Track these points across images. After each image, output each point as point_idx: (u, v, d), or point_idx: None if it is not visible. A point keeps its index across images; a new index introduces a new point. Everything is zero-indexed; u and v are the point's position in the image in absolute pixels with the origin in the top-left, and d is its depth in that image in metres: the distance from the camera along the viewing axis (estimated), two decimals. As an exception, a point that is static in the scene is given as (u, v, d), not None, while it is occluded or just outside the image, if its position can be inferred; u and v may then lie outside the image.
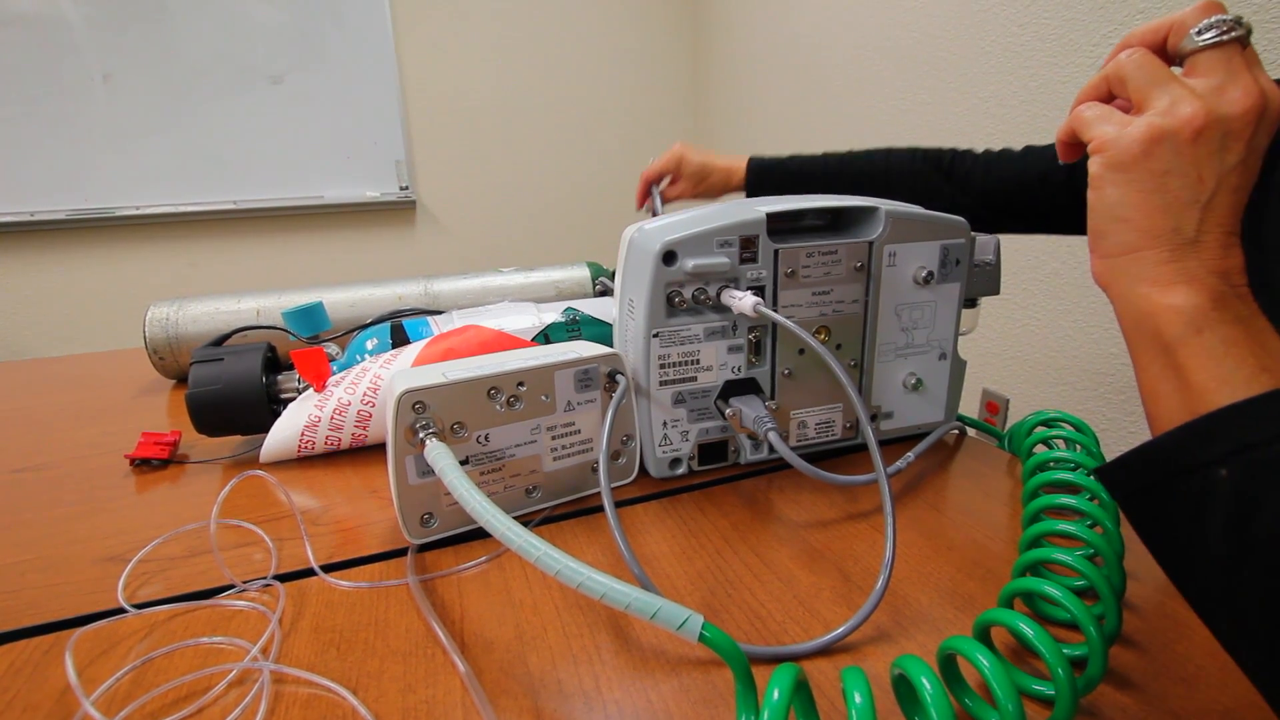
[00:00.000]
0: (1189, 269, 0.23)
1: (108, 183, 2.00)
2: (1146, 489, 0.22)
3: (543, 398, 0.39)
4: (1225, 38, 0.24)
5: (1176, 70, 0.26)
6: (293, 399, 0.51)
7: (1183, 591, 0.23)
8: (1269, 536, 0.19)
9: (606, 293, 0.75)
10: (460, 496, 0.30)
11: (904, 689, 0.24)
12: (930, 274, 0.45)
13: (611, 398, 0.41)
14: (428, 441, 0.34)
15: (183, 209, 2.08)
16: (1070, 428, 0.40)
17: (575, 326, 0.57)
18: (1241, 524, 0.20)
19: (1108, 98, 0.27)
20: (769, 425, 0.39)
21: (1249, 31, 0.24)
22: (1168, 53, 0.26)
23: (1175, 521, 0.22)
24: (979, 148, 0.70)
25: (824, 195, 0.45)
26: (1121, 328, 0.25)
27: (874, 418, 0.48)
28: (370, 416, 0.49)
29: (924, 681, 0.21)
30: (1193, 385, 0.22)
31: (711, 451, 0.45)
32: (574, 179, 2.54)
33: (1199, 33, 0.24)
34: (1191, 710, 0.25)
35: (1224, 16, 0.24)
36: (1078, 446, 0.39)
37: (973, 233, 0.46)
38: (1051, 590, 0.25)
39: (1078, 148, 0.29)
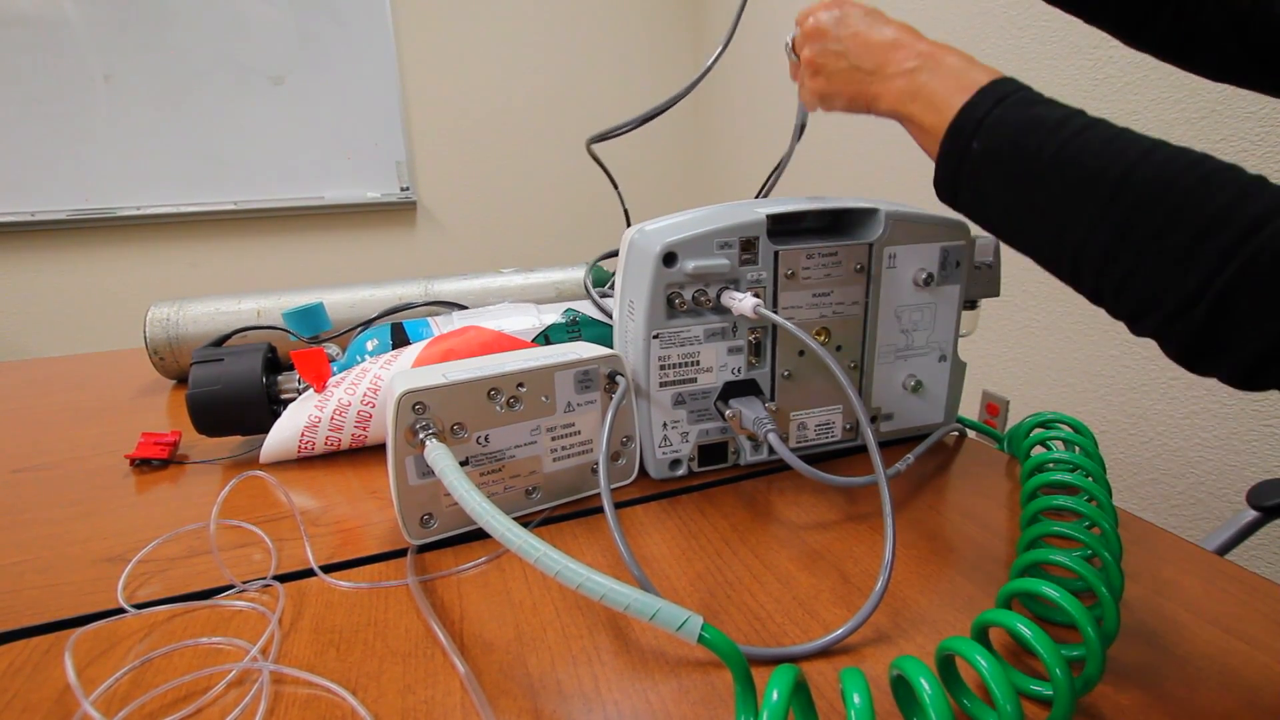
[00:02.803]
0: (885, 84, 0.36)
1: (108, 183, 2.00)
2: (953, 178, 0.32)
3: (543, 399, 0.39)
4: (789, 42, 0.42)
5: None
6: (293, 399, 0.51)
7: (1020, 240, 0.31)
8: (1012, 163, 0.29)
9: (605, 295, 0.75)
10: (460, 497, 0.30)
11: (902, 690, 0.24)
12: (930, 276, 0.45)
13: (611, 399, 0.41)
14: (428, 442, 0.34)
15: (183, 209, 2.08)
16: (1069, 429, 0.41)
17: (575, 327, 0.57)
18: (1004, 167, 0.29)
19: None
20: (769, 427, 0.40)
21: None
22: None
23: (977, 192, 0.31)
24: None
25: (824, 198, 0.45)
26: (901, 120, 0.35)
27: (874, 419, 0.48)
28: (370, 417, 0.49)
29: (922, 682, 0.21)
30: (940, 109, 0.32)
31: (711, 453, 0.45)
32: (575, 180, 2.54)
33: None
34: (1190, 712, 0.25)
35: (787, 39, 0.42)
36: (1076, 448, 0.39)
37: (972, 235, 0.46)
38: (1049, 591, 0.25)
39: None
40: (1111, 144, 0.27)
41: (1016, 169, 0.29)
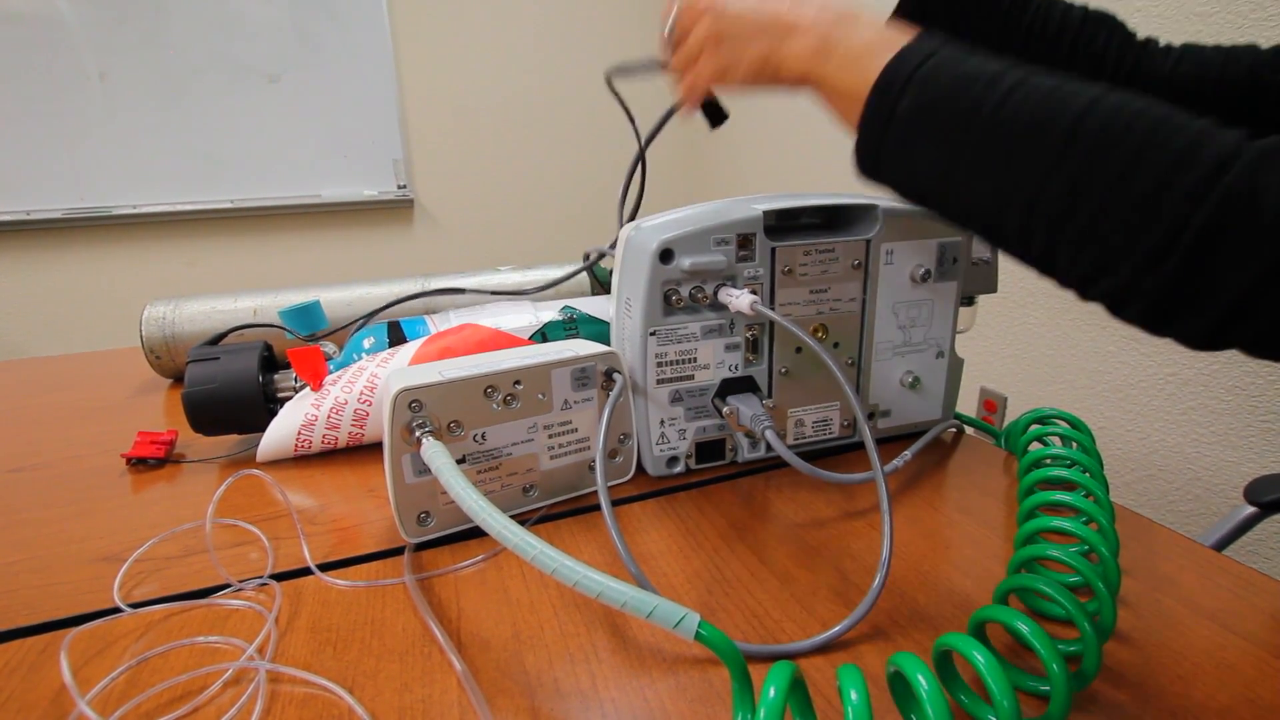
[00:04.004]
0: (796, 41, 0.34)
1: (104, 181, 1.99)
2: (878, 140, 0.31)
3: (539, 396, 0.39)
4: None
5: None
6: (289, 398, 0.51)
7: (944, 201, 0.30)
8: (947, 114, 0.28)
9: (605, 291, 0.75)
10: (456, 495, 0.30)
11: (900, 686, 0.24)
12: (928, 272, 0.45)
13: (608, 396, 0.41)
14: (424, 440, 0.34)
15: (179, 208, 2.07)
16: (1066, 425, 0.41)
17: (572, 325, 0.57)
18: (939, 125, 0.28)
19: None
20: (766, 424, 0.39)
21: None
22: None
23: (910, 154, 0.30)
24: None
25: (822, 194, 0.45)
26: (812, 85, 0.34)
27: (871, 416, 0.48)
28: (367, 415, 0.49)
29: (920, 679, 0.21)
30: (861, 68, 0.30)
31: (709, 450, 0.45)
32: (572, 177, 2.54)
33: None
34: (1187, 706, 0.25)
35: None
36: (1074, 444, 0.39)
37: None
38: (1046, 586, 0.25)
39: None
40: (1055, 93, 0.25)
41: (954, 125, 0.27)
